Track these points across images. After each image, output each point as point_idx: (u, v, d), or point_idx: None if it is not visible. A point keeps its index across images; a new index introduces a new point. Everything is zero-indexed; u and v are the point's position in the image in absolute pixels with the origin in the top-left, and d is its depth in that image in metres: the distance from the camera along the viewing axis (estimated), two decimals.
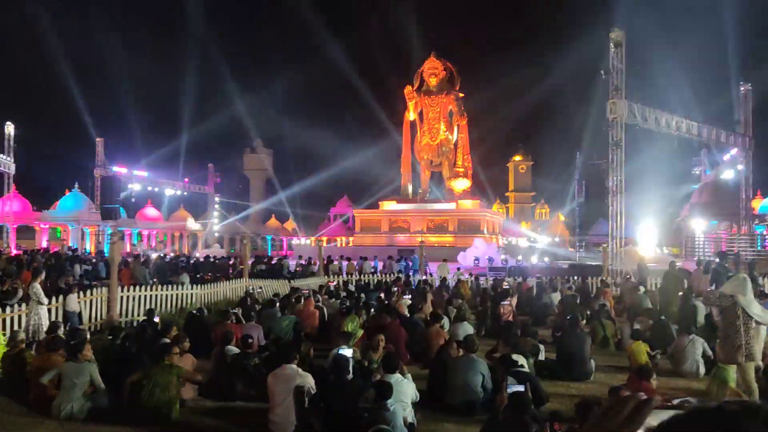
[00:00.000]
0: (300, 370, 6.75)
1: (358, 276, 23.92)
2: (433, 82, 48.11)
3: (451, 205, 46.09)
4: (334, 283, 19.99)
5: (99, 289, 13.51)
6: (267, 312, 12.05)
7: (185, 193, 58.91)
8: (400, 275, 22.66)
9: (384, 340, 8.67)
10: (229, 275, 21.93)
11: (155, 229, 55.35)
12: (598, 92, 27.91)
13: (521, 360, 7.53)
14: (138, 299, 14.04)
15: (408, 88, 48.39)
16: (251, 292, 15.37)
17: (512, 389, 6.03)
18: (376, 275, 24.16)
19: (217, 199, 61.94)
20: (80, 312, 12.34)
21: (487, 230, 45.54)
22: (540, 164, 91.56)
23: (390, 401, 5.98)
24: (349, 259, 28.17)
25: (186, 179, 60.73)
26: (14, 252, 33.31)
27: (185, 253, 40.17)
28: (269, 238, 64.96)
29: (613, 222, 26.78)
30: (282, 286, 19.21)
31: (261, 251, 48.40)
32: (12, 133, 38.16)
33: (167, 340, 8.71)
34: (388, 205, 47.90)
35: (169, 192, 55.40)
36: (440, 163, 48.49)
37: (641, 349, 9.39)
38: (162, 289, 14.76)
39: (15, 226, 43.09)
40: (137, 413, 6.69)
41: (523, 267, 29.55)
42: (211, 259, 28.63)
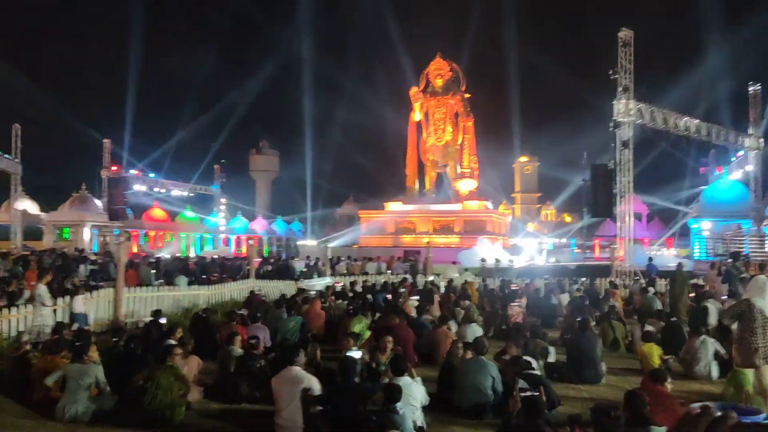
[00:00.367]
0: (305, 372, 6.64)
1: (364, 277, 23.81)
2: (438, 82, 47.96)
3: (457, 206, 45.90)
4: (341, 284, 19.87)
5: (105, 290, 13.44)
6: (273, 313, 11.95)
7: (191, 194, 58.92)
8: (407, 276, 22.53)
9: (392, 341, 8.55)
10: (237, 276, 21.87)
11: (162, 230, 55.42)
12: (606, 91, 27.70)
13: (533, 362, 7.40)
14: (144, 300, 13.99)
15: (413, 89, 48.27)
16: (257, 292, 15.28)
17: (524, 392, 5.91)
18: (382, 275, 24.03)
19: (223, 200, 61.92)
20: (86, 313, 12.26)
21: (493, 231, 45.35)
22: (546, 165, 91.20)
23: (399, 404, 5.87)
24: (356, 260, 28.10)
25: (192, 180, 60.80)
26: (21, 253, 33.35)
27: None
28: (275, 238, 64.94)
29: (621, 222, 26.57)
30: (289, 287, 19.13)
31: (274, 254, 48.34)
32: (19, 134, 38.21)
33: (172, 341, 8.63)
34: (394, 206, 47.76)
35: (175, 193, 55.43)
36: (446, 164, 48.33)
37: (653, 352, 9.24)
38: (168, 290, 14.69)
39: (22, 226, 43.14)
40: (141, 415, 6.60)
41: (530, 268, 29.41)
42: (218, 260, 28.55)
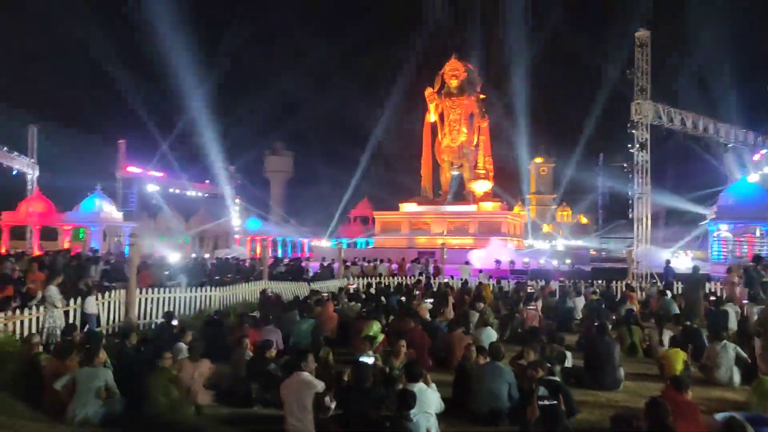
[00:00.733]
0: (313, 377, 6.51)
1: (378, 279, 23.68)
2: (453, 83, 47.74)
3: (472, 207, 45.64)
4: (354, 285, 19.76)
5: (117, 291, 13.41)
6: (286, 315, 11.85)
7: (206, 194, 59.22)
8: (421, 278, 22.36)
9: (406, 345, 8.40)
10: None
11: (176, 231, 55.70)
12: (622, 93, 27.39)
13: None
14: (156, 301, 13.94)
15: (429, 90, 48.10)
16: (269, 294, 15.20)
17: (543, 399, 5.75)
18: (396, 278, 23.87)
19: (237, 201, 62.11)
20: (98, 314, 12.24)
21: (508, 232, 45.04)
22: (561, 166, 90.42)
23: (413, 411, 5.73)
24: (369, 261, 28.00)
25: (206, 181, 61.10)
26: (37, 253, 33.63)
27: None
28: (289, 240, 65.05)
29: (638, 225, 26.22)
30: (301, 289, 19.05)
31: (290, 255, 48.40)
32: (35, 135, 38.60)
33: (183, 344, 8.56)
34: (408, 207, 47.60)
35: (189, 194, 55.74)
36: (461, 165, 48.10)
37: (678, 358, 8.98)
38: (180, 292, 14.65)
39: (38, 227, 43.57)
40: (147, 419, 6.53)
41: (545, 270, 29.09)
42: (233, 260, 28.45)
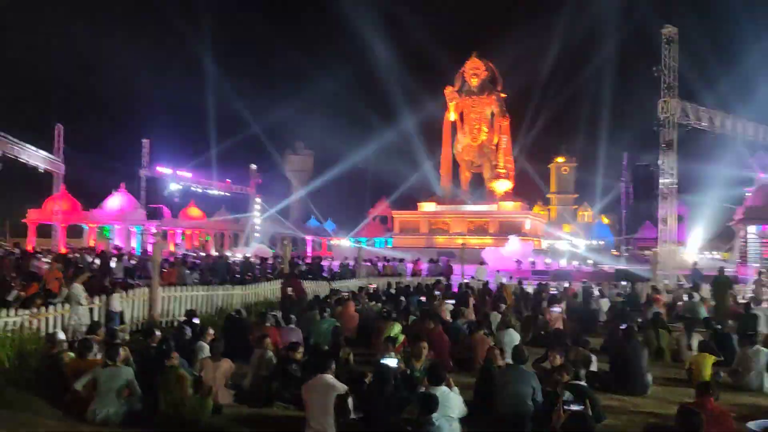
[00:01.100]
0: (335, 380, 6.44)
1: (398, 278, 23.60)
2: (474, 82, 47.48)
3: (492, 207, 45.34)
4: (374, 285, 19.68)
5: (140, 289, 13.50)
6: (306, 315, 11.81)
7: (227, 193, 59.67)
8: (440, 278, 22.22)
9: (427, 347, 8.30)
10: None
11: (198, 229, 56.26)
12: (647, 91, 26.94)
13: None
14: (179, 299, 14.02)
15: (449, 89, 47.89)
16: (290, 294, 15.18)
17: (569, 404, 5.61)
18: (415, 278, 23.78)
19: (258, 199, 62.47)
20: (122, 312, 12.32)
21: (528, 232, 44.66)
22: (583, 165, 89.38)
23: (435, 415, 5.63)
24: (388, 261, 27.94)
25: (228, 180, 61.53)
26: (63, 250, 34.13)
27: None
28: (309, 238, 65.22)
29: (663, 225, 25.79)
30: (321, 287, 19.02)
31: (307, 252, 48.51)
32: (62, 134, 39.15)
33: (204, 343, 8.55)
34: (427, 207, 47.43)
35: (211, 192, 56.22)
36: (481, 165, 47.83)
37: (707, 362, 8.76)
38: (202, 290, 14.70)
39: (64, 225, 44.24)
40: (165, 419, 6.52)
41: (567, 270, 28.78)
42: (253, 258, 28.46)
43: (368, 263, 27.07)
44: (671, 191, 25.48)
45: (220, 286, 15.74)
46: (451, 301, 13.86)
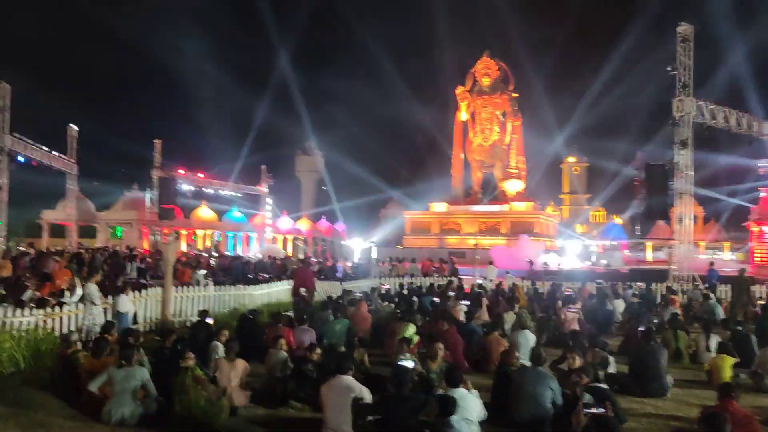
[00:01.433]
0: (355, 381, 6.36)
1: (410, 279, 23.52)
2: (485, 82, 47.22)
3: (504, 207, 45.09)
4: (387, 286, 19.61)
5: (153, 289, 13.51)
6: (319, 315, 11.76)
7: (239, 194, 59.71)
8: (453, 279, 22.10)
9: (443, 348, 8.21)
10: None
11: (210, 230, 56.42)
12: (662, 89, 26.61)
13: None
14: (192, 299, 14.03)
15: (460, 89, 47.69)
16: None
17: (589, 407, 5.51)
18: (427, 278, 23.67)
19: (269, 200, 62.50)
20: (135, 312, 12.33)
21: (541, 233, 44.39)
22: (595, 165, 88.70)
23: (454, 417, 5.55)
24: (400, 261, 27.83)
25: (239, 181, 61.52)
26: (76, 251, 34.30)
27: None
28: (321, 239, 65.17)
29: (678, 225, 25.46)
30: (334, 288, 18.99)
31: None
32: (75, 134, 39.35)
33: (219, 343, 8.51)
34: (439, 207, 47.26)
35: (223, 193, 56.30)
36: (492, 165, 47.56)
37: (727, 364, 8.60)
38: (214, 290, 14.70)
39: (77, 225, 44.52)
40: (180, 419, 6.47)
41: (579, 271, 28.54)
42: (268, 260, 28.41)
43: (385, 264, 27.00)
44: (686, 191, 25.13)
45: (233, 287, 15.73)
46: (466, 302, 13.74)
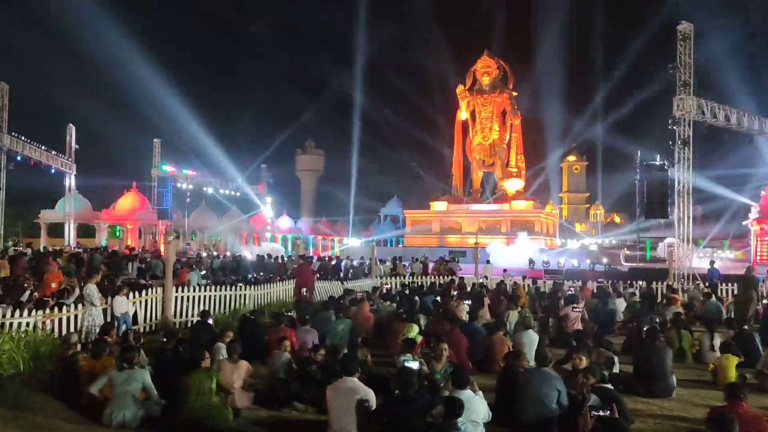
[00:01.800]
0: (361, 383, 6.29)
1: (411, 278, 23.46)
2: (485, 80, 47.23)
3: (504, 206, 45.08)
4: (388, 285, 19.55)
5: (153, 289, 13.42)
6: (321, 315, 11.68)
7: (238, 193, 59.63)
8: (454, 278, 22.03)
9: (447, 348, 8.13)
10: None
11: (210, 229, 56.29)
12: (661, 88, 26.53)
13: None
14: (192, 300, 13.95)
15: (460, 88, 47.69)
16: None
17: (596, 409, 5.44)
18: (429, 277, 23.60)
19: (268, 199, 62.44)
20: (135, 312, 12.24)
21: (540, 231, 44.37)
22: (594, 164, 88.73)
23: (460, 420, 5.48)
24: (401, 259, 27.77)
25: (239, 180, 61.45)
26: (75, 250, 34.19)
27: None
28: (320, 238, 65.13)
29: (679, 225, 25.38)
30: (334, 287, 18.93)
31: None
32: (74, 134, 39.21)
33: (221, 344, 8.43)
34: (439, 206, 47.23)
35: (222, 192, 56.22)
36: (492, 163, 47.57)
37: (731, 364, 8.54)
38: (215, 290, 14.62)
39: (76, 224, 44.36)
40: (184, 422, 6.39)
41: (580, 270, 28.47)
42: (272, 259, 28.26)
43: (385, 264, 26.91)
44: (686, 190, 25.05)
45: (233, 286, 15.64)
46: (468, 302, 13.66)
